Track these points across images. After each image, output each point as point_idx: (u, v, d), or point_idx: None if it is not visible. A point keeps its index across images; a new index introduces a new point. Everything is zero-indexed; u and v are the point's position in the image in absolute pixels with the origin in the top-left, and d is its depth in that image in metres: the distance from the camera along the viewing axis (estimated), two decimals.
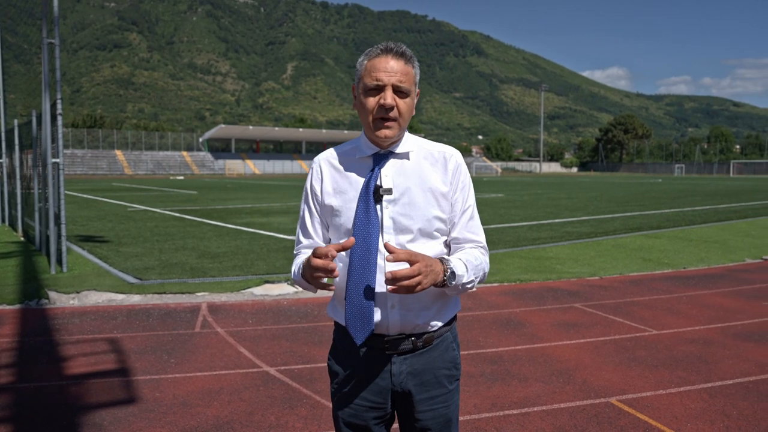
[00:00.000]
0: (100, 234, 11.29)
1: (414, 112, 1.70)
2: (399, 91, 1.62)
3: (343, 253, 1.67)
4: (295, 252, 1.83)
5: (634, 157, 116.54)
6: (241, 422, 3.27)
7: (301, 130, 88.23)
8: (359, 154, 1.72)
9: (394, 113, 1.61)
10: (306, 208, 1.79)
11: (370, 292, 1.60)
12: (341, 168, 1.73)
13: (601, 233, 11.65)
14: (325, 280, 1.58)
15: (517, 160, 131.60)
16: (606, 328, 5.14)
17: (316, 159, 1.80)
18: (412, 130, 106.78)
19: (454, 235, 1.73)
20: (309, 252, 1.74)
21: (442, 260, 1.57)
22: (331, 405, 3.46)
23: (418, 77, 1.69)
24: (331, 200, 1.71)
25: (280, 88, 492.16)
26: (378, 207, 1.64)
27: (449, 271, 1.56)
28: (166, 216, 15.44)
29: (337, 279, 1.74)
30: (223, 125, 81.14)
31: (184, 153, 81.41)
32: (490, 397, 3.58)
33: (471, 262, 1.65)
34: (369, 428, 1.73)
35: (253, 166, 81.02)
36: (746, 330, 5.07)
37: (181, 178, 59.48)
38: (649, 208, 18.23)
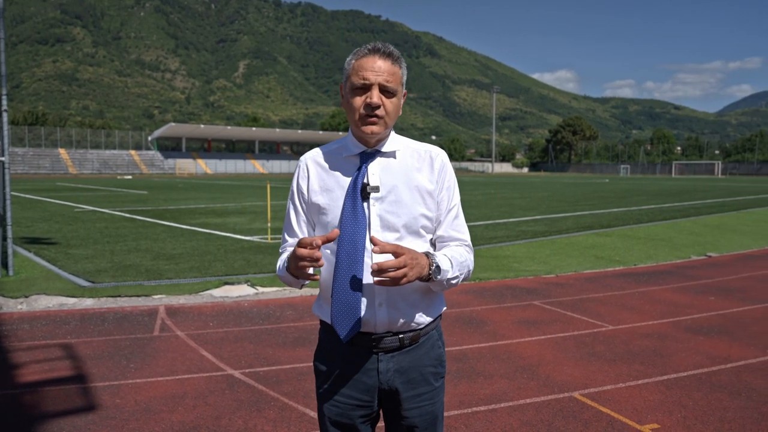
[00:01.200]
0: (47, 236, 10.85)
1: (401, 112, 1.71)
2: (386, 91, 1.63)
3: (329, 251, 1.67)
4: (280, 250, 1.82)
5: (582, 158, 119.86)
6: (208, 427, 3.21)
7: (254, 129, 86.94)
8: (346, 153, 1.72)
9: (380, 112, 1.62)
10: (292, 206, 1.79)
11: (357, 290, 1.61)
12: (328, 166, 1.74)
13: (555, 232, 11.94)
14: (311, 270, 1.57)
15: (470, 160, 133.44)
16: (565, 324, 5.27)
17: (302, 158, 1.80)
18: None
19: (439, 233, 1.75)
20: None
21: (427, 255, 1.58)
22: (300, 407, 3.44)
23: (405, 78, 1.71)
24: (318, 198, 1.71)
25: (232, 87, 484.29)
26: (365, 205, 1.64)
27: (434, 265, 1.57)
28: (116, 217, 14.97)
29: (324, 276, 1.74)
30: (173, 123, 79.22)
31: (132, 152, 79.10)
32: (457, 395, 3.62)
33: (456, 258, 1.67)
34: (356, 427, 1.73)
35: (204, 166, 79.42)
36: (696, 324, 5.29)
37: (130, 177, 57.76)
38: (599, 208, 18.79)
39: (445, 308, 1.83)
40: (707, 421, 3.26)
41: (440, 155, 1.74)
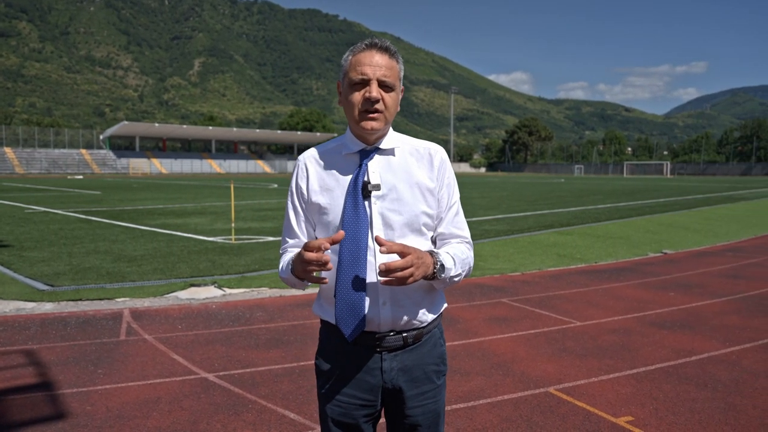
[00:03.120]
0: None
1: (399, 108, 1.71)
2: (384, 85, 1.62)
3: (330, 250, 1.65)
4: (280, 251, 1.80)
5: (538, 158, 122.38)
6: None
7: (210, 128, 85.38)
8: (345, 151, 1.71)
9: (380, 106, 1.61)
10: (291, 207, 1.77)
11: (360, 289, 1.60)
12: (327, 165, 1.72)
13: (517, 231, 12.14)
14: (319, 273, 1.56)
15: None
16: (534, 321, 5.37)
17: (300, 157, 1.78)
18: (325, 129, 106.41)
19: (440, 230, 1.75)
20: (296, 250, 1.71)
21: (431, 253, 1.58)
22: (279, 409, 3.40)
23: (402, 73, 1.70)
24: (318, 198, 1.70)
25: (187, 85, 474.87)
26: (366, 203, 1.64)
27: (439, 263, 1.58)
28: (70, 218, 14.46)
29: (326, 278, 1.72)
30: (126, 122, 77.13)
31: (83, 151, 76.66)
32: None
33: (458, 256, 1.67)
34: (359, 426, 1.72)
35: (159, 165, 77.60)
36: (659, 319, 5.46)
37: (81, 177, 55.94)
38: (558, 207, 19.20)
39: (446, 305, 1.83)
40: (678, 412, 3.37)
41: (439, 152, 1.74)
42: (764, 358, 4.32)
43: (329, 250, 1.65)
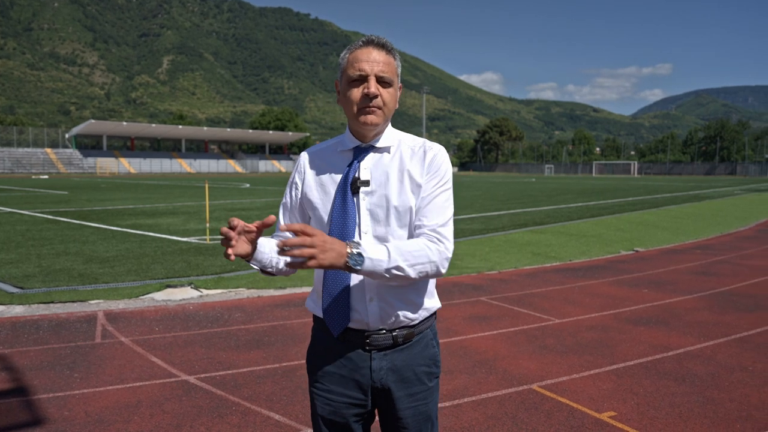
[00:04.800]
0: None
1: (397, 105, 1.71)
2: (382, 81, 1.63)
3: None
4: (272, 236, 1.81)
5: (509, 158, 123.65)
6: None
7: (180, 127, 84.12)
8: (341, 148, 1.73)
9: (378, 102, 1.62)
10: (288, 197, 1.80)
11: (346, 284, 1.62)
12: (324, 161, 1.74)
13: (492, 230, 12.24)
14: (232, 252, 1.52)
15: None
16: (514, 319, 5.42)
17: (302, 153, 1.81)
18: (297, 129, 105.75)
19: (414, 222, 1.67)
20: (278, 239, 1.73)
21: (350, 243, 1.50)
22: (263, 410, 3.36)
23: (400, 69, 1.71)
24: (312, 193, 1.72)
25: (156, 83, 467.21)
26: (355, 199, 1.64)
27: (353, 253, 1.47)
28: (37, 218, 14.09)
29: (317, 271, 1.73)
30: (93, 120, 75.45)
31: (48, 150, 74.75)
32: None
33: (401, 248, 1.55)
34: (349, 425, 1.72)
35: (128, 165, 76.14)
36: (635, 315, 5.56)
37: (46, 177, 54.58)
38: (530, 206, 19.43)
39: (439, 306, 1.83)
40: (659, 407, 3.43)
41: (433, 149, 1.71)
42: (738, 353, 4.44)
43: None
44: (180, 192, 27.82)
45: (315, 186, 1.72)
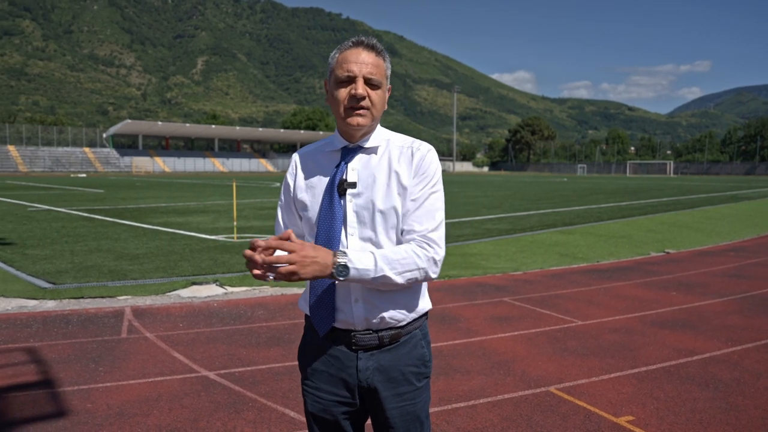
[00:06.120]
0: (1, 236, 10.43)
1: (386, 107, 1.72)
2: (371, 83, 1.63)
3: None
4: None
5: (541, 158, 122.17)
6: (186, 430, 3.13)
7: (213, 127, 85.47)
8: (330, 148, 1.74)
9: (366, 103, 1.62)
10: (283, 200, 1.82)
11: (331, 285, 1.64)
12: (314, 163, 1.76)
13: (519, 230, 12.12)
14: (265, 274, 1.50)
15: None
16: (536, 320, 5.36)
17: (294, 154, 1.83)
18: (328, 128, 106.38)
19: (402, 226, 1.66)
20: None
21: (336, 253, 1.52)
22: (279, 407, 3.40)
23: (389, 71, 1.71)
24: (303, 195, 1.73)
25: (190, 83, 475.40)
26: (342, 200, 1.65)
27: (339, 264, 1.50)
28: (73, 216, 14.50)
29: None
30: (129, 120, 77.22)
31: (86, 149, 76.81)
32: (436, 392, 3.63)
33: (388, 256, 1.56)
34: (339, 423, 1.74)
35: (162, 164, 77.71)
36: (661, 318, 5.44)
37: (84, 175, 56.08)
38: (560, 206, 19.17)
39: (430, 308, 1.81)
40: (679, 412, 3.36)
41: (421, 150, 1.69)
42: (766, 359, 4.31)
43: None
44: (212, 191, 28.26)
45: (305, 187, 1.73)
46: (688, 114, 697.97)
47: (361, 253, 1.55)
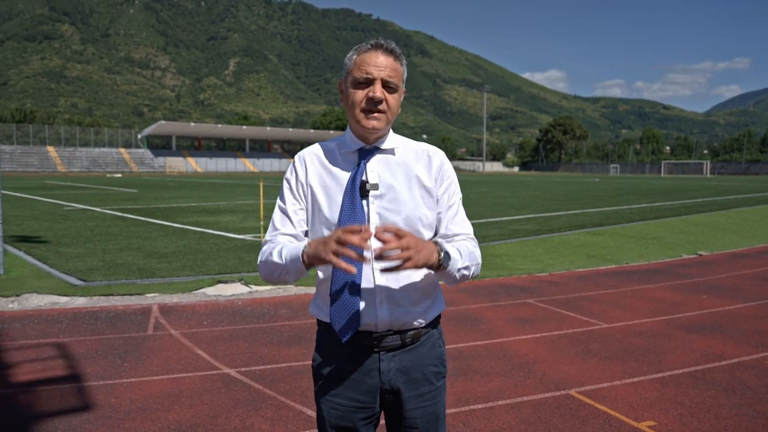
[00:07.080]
0: (37, 234, 10.75)
1: (400, 110, 1.71)
2: (388, 86, 1.63)
3: None
4: (268, 238, 1.73)
5: (573, 157, 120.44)
6: (204, 426, 3.19)
7: (245, 127, 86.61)
8: (344, 149, 1.71)
9: (383, 106, 1.62)
10: (292, 197, 1.72)
11: (356, 289, 1.60)
12: (326, 163, 1.72)
13: (547, 231, 11.98)
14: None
15: (461, 159, 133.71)
16: (559, 322, 5.29)
17: (300, 153, 1.76)
18: None
19: (441, 231, 1.73)
20: (289, 238, 1.69)
21: (435, 242, 1.56)
22: (297, 405, 3.43)
23: (405, 75, 1.70)
24: (315, 196, 1.69)
25: (222, 85, 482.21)
26: (364, 202, 1.63)
27: (443, 252, 1.54)
28: (106, 215, 14.86)
29: (322, 276, 1.72)
30: (163, 121, 78.83)
31: (122, 150, 78.61)
32: (454, 393, 3.62)
33: (463, 249, 1.64)
34: (357, 430, 1.70)
35: (195, 164, 79.05)
36: (689, 322, 5.32)
37: (119, 175, 57.40)
38: (590, 207, 18.88)
39: (444, 307, 1.82)
40: (703, 419, 3.28)
41: (438, 154, 1.74)
42: None
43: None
44: (242, 190, 28.63)
45: (319, 187, 1.69)
46: (726, 112, 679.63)
47: (445, 243, 1.59)
